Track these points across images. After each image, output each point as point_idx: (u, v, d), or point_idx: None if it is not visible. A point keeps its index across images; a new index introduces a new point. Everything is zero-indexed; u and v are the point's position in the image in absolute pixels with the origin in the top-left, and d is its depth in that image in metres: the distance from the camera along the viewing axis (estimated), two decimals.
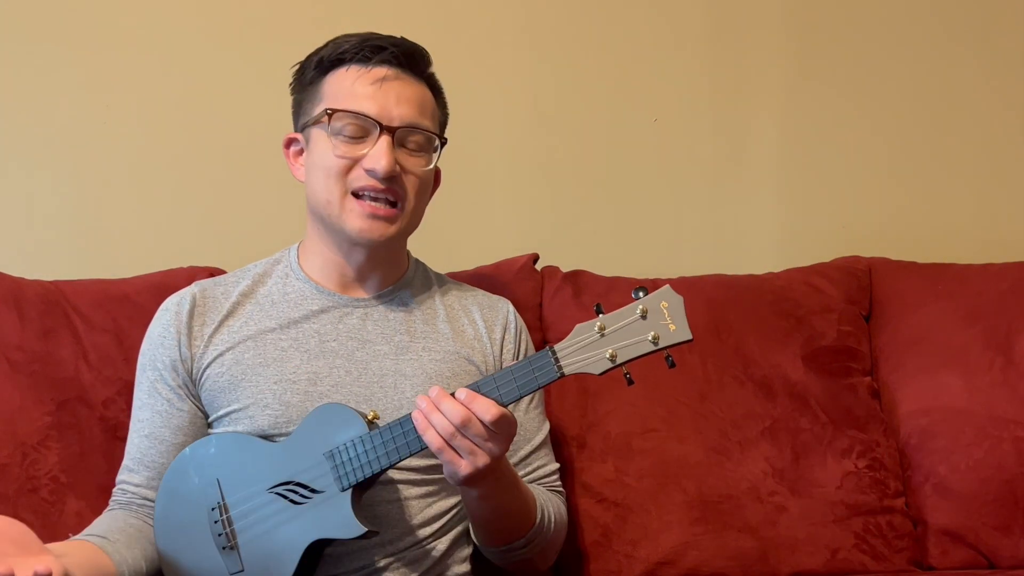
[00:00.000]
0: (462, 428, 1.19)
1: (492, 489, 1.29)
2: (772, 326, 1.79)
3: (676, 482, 1.66)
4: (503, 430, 1.21)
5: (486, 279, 1.69)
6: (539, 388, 1.23)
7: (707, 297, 1.80)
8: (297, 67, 1.45)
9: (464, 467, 1.21)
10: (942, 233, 2.13)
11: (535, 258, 1.84)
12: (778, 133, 2.13)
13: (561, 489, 1.52)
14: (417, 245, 1.54)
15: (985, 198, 2.16)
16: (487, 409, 1.19)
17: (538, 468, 1.48)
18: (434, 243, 1.61)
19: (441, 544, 1.40)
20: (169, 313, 1.43)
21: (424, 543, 1.38)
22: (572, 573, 1.63)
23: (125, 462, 1.42)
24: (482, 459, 1.21)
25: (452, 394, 1.22)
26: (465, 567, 1.43)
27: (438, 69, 1.45)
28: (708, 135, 2.12)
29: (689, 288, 1.79)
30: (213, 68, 1.98)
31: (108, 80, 1.95)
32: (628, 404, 1.70)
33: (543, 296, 1.80)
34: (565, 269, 1.84)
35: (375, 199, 1.37)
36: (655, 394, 1.72)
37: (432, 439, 1.21)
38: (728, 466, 1.68)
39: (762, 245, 2.11)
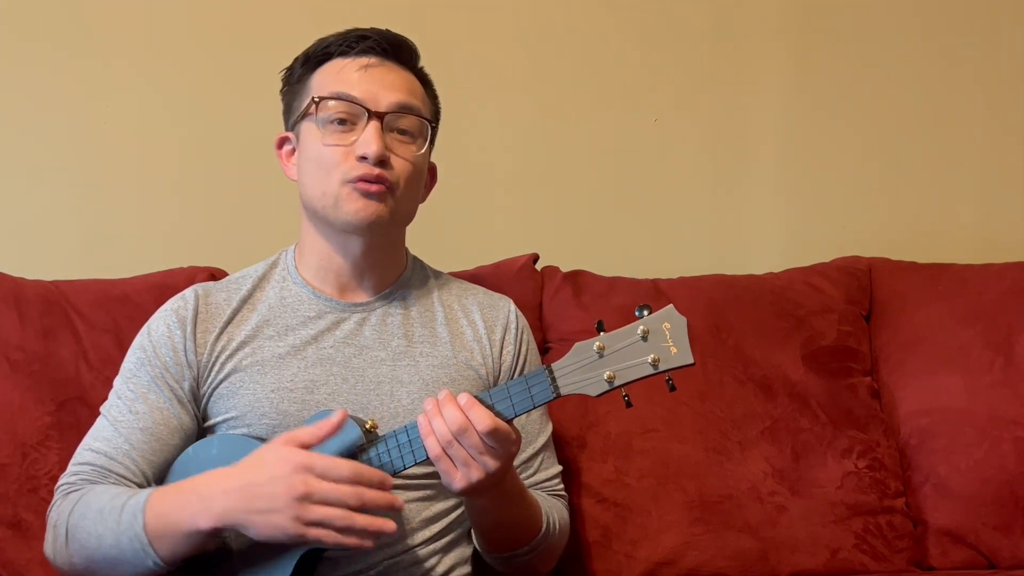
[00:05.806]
0: (459, 435, 1.18)
1: (495, 503, 1.28)
2: (772, 326, 1.79)
3: (676, 482, 1.66)
4: (500, 444, 1.18)
5: (486, 279, 1.69)
6: (535, 407, 1.20)
7: (707, 297, 1.80)
8: (285, 69, 1.45)
9: (458, 479, 1.19)
10: (942, 233, 2.13)
11: (535, 258, 1.83)
12: (778, 133, 2.13)
13: (563, 493, 1.51)
14: (418, 245, 1.53)
15: (985, 198, 2.16)
16: (482, 419, 1.17)
17: (539, 471, 1.47)
18: (434, 243, 1.61)
19: (440, 547, 1.39)
20: (175, 316, 1.40)
21: (422, 546, 1.37)
22: (572, 573, 1.62)
23: (102, 448, 1.34)
24: (476, 473, 1.18)
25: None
26: (466, 568, 1.43)
27: (439, 69, 1.45)
28: (708, 135, 2.11)
29: (689, 288, 1.81)
30: (213, 68, 1.98)
31: (108, 80, 1.95)
32: None
33: (543, 296, 1.80)
34: (565, 269, 1.84)
35: (368, 183, 1.34)
36: (655, 394, 1.69)
37: (431, 446, 1.19)
38: (728, 466, 1.68)
39: (762, 245, 2.11)
